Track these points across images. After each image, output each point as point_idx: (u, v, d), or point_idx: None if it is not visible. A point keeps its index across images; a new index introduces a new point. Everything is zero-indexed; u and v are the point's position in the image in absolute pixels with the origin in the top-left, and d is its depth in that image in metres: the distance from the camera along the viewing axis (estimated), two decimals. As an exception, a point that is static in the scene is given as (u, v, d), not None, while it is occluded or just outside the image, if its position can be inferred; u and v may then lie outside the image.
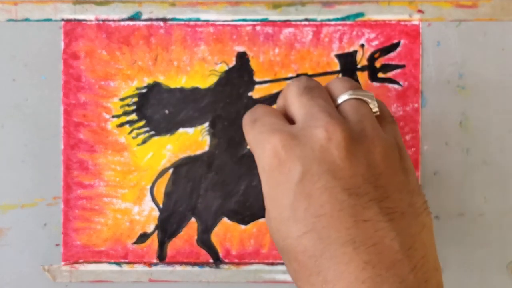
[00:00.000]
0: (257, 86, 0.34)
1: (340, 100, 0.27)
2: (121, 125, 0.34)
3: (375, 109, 0.27)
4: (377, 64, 0.34)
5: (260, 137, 0.26)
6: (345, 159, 0.24)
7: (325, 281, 0.24)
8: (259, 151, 0.26)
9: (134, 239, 0.34)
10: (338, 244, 0.24)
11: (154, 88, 0.34)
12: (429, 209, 0.26)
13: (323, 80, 0.34)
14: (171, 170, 0.34)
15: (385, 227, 0.24)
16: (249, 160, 0.34)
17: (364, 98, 0.27)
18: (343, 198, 0.24)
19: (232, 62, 0.34)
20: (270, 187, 0.26)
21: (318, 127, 0.25)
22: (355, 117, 0.26)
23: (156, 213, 0.34)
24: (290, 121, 0.27)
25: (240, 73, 0.34)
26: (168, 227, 0.34)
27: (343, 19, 0.34)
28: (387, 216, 0.24)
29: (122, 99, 0.34)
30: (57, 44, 0.34)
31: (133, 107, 0.34)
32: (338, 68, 0.34)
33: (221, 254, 0.34)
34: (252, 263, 0.34)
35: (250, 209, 0.34)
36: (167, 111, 0.34)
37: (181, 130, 0.34)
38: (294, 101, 0.27)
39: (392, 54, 0.34)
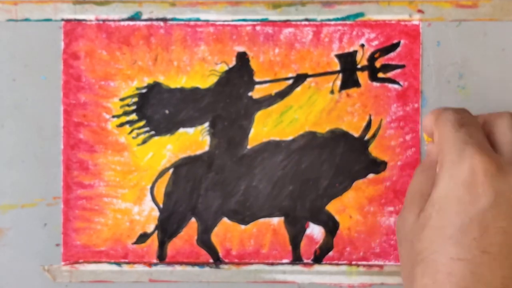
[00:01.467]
0: (257, 86, 0.34)
1: None
2: (121, 125, 0.34)
3: None
4: (377, 64, 0.34)
5: (464, 147, 0.25)
6: None
7: None
8: (456, 158, 0.25)
9: (134, 239, 0.34)
10: (487, 286, 0.24)
11: (154, 88, 0.34)
12: None
13: (323, 80, 0.34)
14: (171, 170, 0.34)
15: None
16: (249, 160, 0.34)
17: None
18: None
19: (232, 62, 0.34)
20: (448, 197, 0.25)
21: None
22: None
23: (156, 213, 0.34)
24: (491, 145, 0.27)
25: (240, 73, 0.34)
26: (168, 227, 0.34)
27: (343, 19, 0.34)
28: None
29: (122, 99, 0.34)
30: (57, 44, 0.34)
31: (133, 107, 0.34)
32: (338, 68, 0.34)
33: (221, 254, 0.34)
34: (252, 263, 0.34)
35: (250, 209, 0.34)
36: (167, 111, 0.34)
37: (181, 130, 0.34)
38: (507, 132, 0.27)
39: (392, 54, 0.34)
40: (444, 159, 0.26)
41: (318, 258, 0.34)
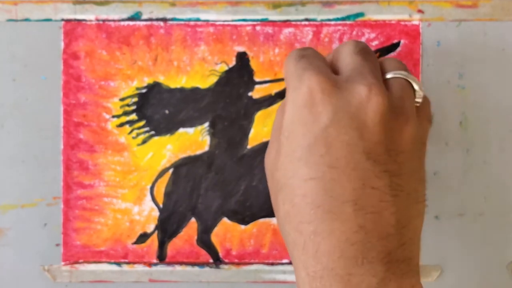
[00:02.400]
0: (257, 86, 0.34)
1: (390, 75, 0.28)
2: (121, 125, 0.34)
3: (419, 100, 0.28)
4: (377, 64, 0.34)
5: (303, 72, 0.26)
6: (377, 124, 0.25)
7: (315, 232, 0.24)
8: (296, 84, 0.26)
9: (134, 239, 0.34)
10: (339, 201, 0.24)
11: (154, 88, 0.34)
12: (425, 203, 0.27)
13: (323, 80, 0.34)
14: (171, 170, 0.34)
15: (389, 200, 0.24)
16: (249, 160, 0.34)
17: (414, 84, 0.28)
18: (361, 160, 0.24)
19: (232, 62, 0.34)
20: (294, 122, 0.26)
21: (362, 84, 0.25)
22: (399, 93, 0.27)
23: (156, 213, 0.34)
24: (335, 73, 0.27)
25: (240, 73, 0.34)
26: (168, 227, 0.34)
27: (343, 19, 0.34)
28: (394, 191, 0.25)
29: (122, 99, 0.34)
30: (57, 44, 0.34)
31: (133, 107, 0.34)
32: (338, 68, 0.34)
33: (221, 254, 0.34)
34: (252, 263, 0.34)
35: (250, 209, 0.34)
36: (167, 111, 0.34)
37: (181, 130, 0.34)
38: (346, 56, 0.27)
39: (392, 54, 0.34)
40: (288, 89, 0.27)
41: (318, 258, 0.34)
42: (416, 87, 0.28)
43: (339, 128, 0.25)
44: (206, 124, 0.34)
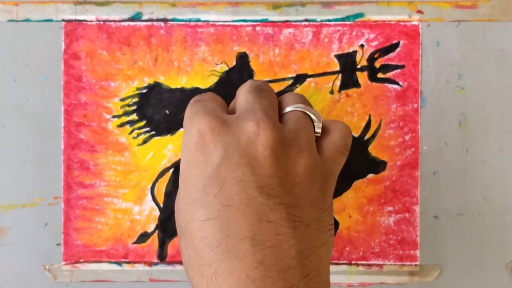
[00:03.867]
0: (257, 86, 0.34)
1: (288, 109, 0.28)
2: (122, 125, 0.34)
3: (318, 130, 0.28)
4: (377, 64, 0.34)
5: (194, 115, 0.26)
6: (268, 158, 0.25)
7: (216, 274, 0.24)
8: (187, 127, 0.26)
9: (135, 239, 0.35)
10: (236, 238, 0.24)
11: (155, 88, 0.34)
12: (333, 231, 0.26)
13: (323, 80, 0.34)
14: (171, 170, 0.34)
15: (287, 232, 0.24)
16: (249, 160, 0.34)
17: (312, 116, 0.28)
18: (254, 195, 0.24)
19: (233, 63, 0.34)
20: (188, 165, 0.26)
21: (250, 121, 0.25)
22: (294, 126, 0.27)
23: (157, 213, 0.34)
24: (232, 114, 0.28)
25: (240, 74, 0.34)
26: (168, 226, 0.35)
27: (342, 19, 0.34)
28: (292, 223, 0.24)
29: (122, 99, 0.34)
30: (58, 45, 0.34)
31: (134, 107, 0.34)
32: (338, 68, 0.34)
33: (221, 254, 0.35)
34: (252, 263, 0.34)
35: (250, 209, 0.34)
36: (167, 111, 0.35)
37: (181, 130, 0.35)
38: (241, 96, 0.28)
39: (391, 55, 0.34)
40: (184, 133, 0.27)
41: (318, 258, 0.34)
42: (313, 117, 0.27)
43: (230, 166, 0.24)
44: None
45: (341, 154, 0.28)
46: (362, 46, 0.34)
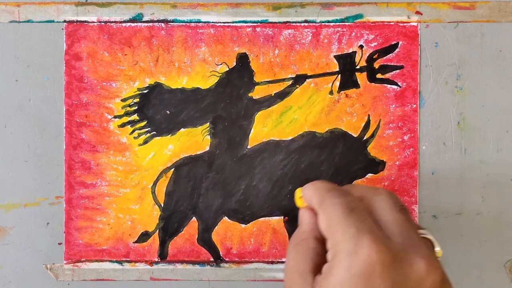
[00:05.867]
0: (257, 87, 0.35)
1: (424, 233, 0.27)
2: (123, 125, 0.35)
3: (440, 253, 0.28)
4: (376, 65, 0.34)
5: (358, 234, 0.24)
6: None
7: None
8: (351, 248, 0.24)
9: (136, 238, 0.35)
10: None
11: (156, 88, 0.35)
12: None
13: (323, 81, 0.34)
14: (172, 170, 0.35)
15: None
16: (249, 160, 0.35)
17: (435, 245, 0.27)
18: None
19: (233, 63, 0.35)
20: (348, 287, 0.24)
21: (420, 257, 0.25)
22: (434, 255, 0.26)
23: (158, 213, 0.35)
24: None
25: (241, 74, 0.35)
26: (169, 226, 0.35)
27: (342, 20, 0.34)
28: None
29: (123, 100, 0.35)
30: (60, 45, 0.34)
31: (135, 108, 0.35)
32: (337, 69, 0.34)
33: (221, 253, 0.35)
34: (252, 262, 0.35)
35: (250, 208, 0.35)
36: (168, 112, 0.35)
37: (182, 130, 0.35)
38: (388, 213, 0.26)
39: (390, 55, 0.34)
40: (338, 248, 0.25)
41: (318, 257, 0.35)
42: (437, 248, 0.27)
43: None
44: (207, 124, 0.35)
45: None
46: (361, 47, 0.34)
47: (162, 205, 0.35)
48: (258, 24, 0.34)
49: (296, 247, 0.26)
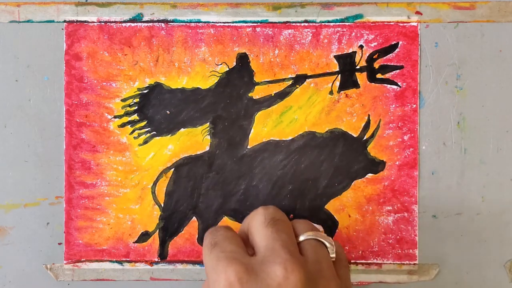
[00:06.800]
0: (257, 87, 0.35)
1: (302, 237, 0.28)
2: (123, 125, 0.35)
3: (333, 255, 0.28)
4: (376, 65, 0.35)
5: (217, 263, 0.26)
6: None
7: None
8: (214, 277, 0.26)
9: (136, 238, 0.35)
10: None
11: (156, 88, 0.35)
12: None
13: (323, 81, 0.35)
14: (172, 170, 0.35)
15: None
16: (249, 160, 0.35)
17: (325, 242, 0.28)
18: None
19: (233, 63, 0.35)
20: None
21: (277, 264, 0.25)
22: (314, 257, 0.27)
23: (158, 213, 0.35)
24: (251, 248, 0.28)
25: (241, 74, 0.35)
26: (169, 226, 0.35)
27: (342, 20, 0.34)
28: None
29: (123, 100, 0.35)
30: (60, 45, 0.34)
31: (135, 108, 0.35)
32: (337, 69, 0.35)
33: (221, 253, 0.35)
34: (252, 262, 0.35)
35: (251, 208, 0.35)
36: (168, 112, 0.35)
37: (182, 130, 0.35)
38: (258, 230, 0.28)
39: (390, 55, 0.35)
40: (208, 280, 0.27)
41: (318, 257, 0.35)
42: (328, 244, 0.28)
43: None
44: (207, 124, 0.35)
45: (347, 268, 0.29)
46: (361, 47, 0.35)
47: (162, 205, 0.35)
48: (258, 24, 0.35)
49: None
